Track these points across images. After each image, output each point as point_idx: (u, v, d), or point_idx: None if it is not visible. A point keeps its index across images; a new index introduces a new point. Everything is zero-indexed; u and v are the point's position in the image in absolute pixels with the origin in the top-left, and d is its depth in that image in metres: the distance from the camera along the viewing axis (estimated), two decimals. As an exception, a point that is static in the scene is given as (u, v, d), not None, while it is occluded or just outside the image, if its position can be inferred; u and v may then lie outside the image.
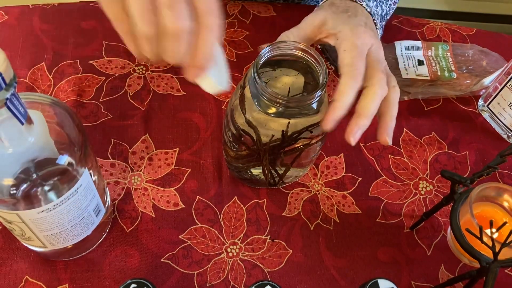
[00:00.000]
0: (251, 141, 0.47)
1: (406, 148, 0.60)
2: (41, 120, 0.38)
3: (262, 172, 0.50)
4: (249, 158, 0.50)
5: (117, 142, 0.57)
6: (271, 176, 0.51)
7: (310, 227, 0.54)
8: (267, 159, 0.48)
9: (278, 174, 0.51)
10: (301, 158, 0.50)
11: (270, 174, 0.51)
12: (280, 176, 0.52)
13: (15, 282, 0.48)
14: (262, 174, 0.51)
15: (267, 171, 0.50)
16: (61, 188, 0.39)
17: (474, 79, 0.64)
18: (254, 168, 0.51)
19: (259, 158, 0.49)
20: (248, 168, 0.52)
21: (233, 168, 0.54)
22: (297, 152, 0.48)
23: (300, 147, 0.48)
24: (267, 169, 0.50)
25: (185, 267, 0.50)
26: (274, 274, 0.51)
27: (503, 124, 0.62)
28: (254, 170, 0.52)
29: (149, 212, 0.53)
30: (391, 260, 0.53)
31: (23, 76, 0.61)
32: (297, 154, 0.48)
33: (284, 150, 0.47)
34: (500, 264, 0.42)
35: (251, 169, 0.52)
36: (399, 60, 0.65)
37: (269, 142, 0.46)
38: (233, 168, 0.54)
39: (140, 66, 0.63)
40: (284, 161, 0.49)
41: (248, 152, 0.49)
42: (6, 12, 0.66)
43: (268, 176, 0.51)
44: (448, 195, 0.49)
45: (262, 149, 0.47)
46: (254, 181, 0.54)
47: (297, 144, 0.47)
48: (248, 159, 0.50)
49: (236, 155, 0.51)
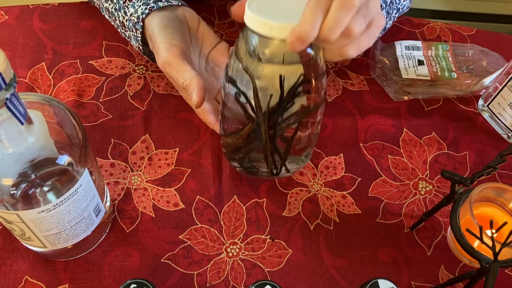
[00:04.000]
0: (248, 116, 0.47)
1: (406, 148, 0.60)
2: (41, 120, 0.38)
3: (264, 154, 0.49)
4: (249, 140, 0.49)
5: (117, 142, 0.57)
6: (272, 161, 0.50)
7: (310, 227, 0.54)
8: (267, 132, 0.47)
9: (280, 155, 0.50)
10: (301, 139, 0.49)
11: (272, 158, 0.50)
12: (282, 158, 0.51)
13: (15, 282, 0.48)
14: (264, 159, 0.50)
15: (268, 150, 0.49)
16: (61, 188, 0.39)
17: (474, 79, 0.64)
18: (256, 154, 0.51)
19: (259, 139, 0.48)
20: (249, 153, 0.51)
21: (234, 161, 0.54)
22: (296, 123, 0.48)
23: (299, 117, 0.47)
24: (268, 147, 0.49)
25: (185, 267, 0.50)
26: (274, 274, 0.51)
27: (503, 124, 0.62)
28: (255, 157, 0.51)
29: (149, 212, 0.53)
30: (391, 260, 0.53)
31: (23, 76, 0.61)
32: (296, 125, 0.48)
33: (283, 118, 0.47)
34: (500, 264, 0.42)
35: (251, 158, 0.51)
36: (399, 60, 0.65)
37: (268, 107, 0.46)
38: (234, 161, 0.54)
39: (140, 66, 0.63)
40: (285, 134, 0.49)
41: (247, 131, 0.48)
42: (6, 12, 0.66)
43: (269, 160, 0.50)
44: (448, 195, 0.49)
45: (261, 116, 0.46)
46: (256, 171, 0.54)
47: (294, 110, 0.46)
48: (248, 141, 0.49)
49: (235, 142, 0.50)
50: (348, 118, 0.62)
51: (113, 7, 0.59)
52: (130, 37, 0.59)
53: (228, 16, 0.70)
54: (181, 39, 0.56)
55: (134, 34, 0.57)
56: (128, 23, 0.57)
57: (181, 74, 0.53)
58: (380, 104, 0.64)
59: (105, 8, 0.61)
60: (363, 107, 0.63)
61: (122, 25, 0.59)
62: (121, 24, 0.59)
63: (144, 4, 0.56)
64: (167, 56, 0.54)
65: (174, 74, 0.54)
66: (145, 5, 0.55)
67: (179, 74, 0.53)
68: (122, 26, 0.59)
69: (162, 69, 0.55)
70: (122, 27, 0.59)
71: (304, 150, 0.53)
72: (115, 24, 0.61)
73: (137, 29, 0.56)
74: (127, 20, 0.57)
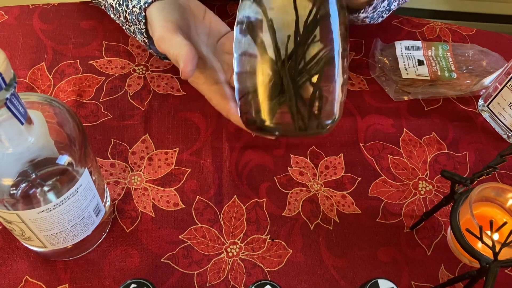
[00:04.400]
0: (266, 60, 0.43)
1: (406, 148, 0.60)
2: (41, 120, 0.38)
3: (288, 104, 0.44)
4: (272, 91, 0.45)
5: (117, 142, 0.57)
6: (297, 111, 0.45)
7: (310, 227, 0.54)
8: (287, 74, 0.43)
9: (308, 101, 0.45)
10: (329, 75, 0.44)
11: (296, 105, 0.45)
12: (308, 104, 0.45)
13: (15, 282, 0.48)
14: (289, 110, 0.45)
15: (292, 98, 0.44)
16: (61, 188, 0.39)
17: (474, 79, 0.64)
18: (281, 106, 0.46)
19: (281, 85, 0.44)
20: (276, 105, 0.46)
21: (257, 120, 0.48)
22: (322, 56, 0.43)
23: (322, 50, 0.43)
24: (291, 91, 0.44)
25: (185, 267, 0.50)
26: (274, 273, 0.51)
27: (503, 124, 0.62)
28: (280, 110, 0.46)
29: (149, 212, 0.53)
30: (391, 260, 0.53)
31: (23, 76, 0.61)
32: (320, 59, 0.43)
33: (305, 50, 0.43)
34: (500, 264, 0.42)
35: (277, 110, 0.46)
36: (399, 60, 0.65)
37: (286, 47, 0.42)
38: (257, 120, 0.48)
39: (140, 66, 0.63)
40: (311, 75, 0.44)
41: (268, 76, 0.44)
42: (6, 12, 0.66)
43: (295, 108, 0.45)
44: (448, 195, 0.49)
45: (280, 57, 0.42)
46: (281, 126, 0.48)
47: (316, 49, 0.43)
48: (271, 92, 0.45)
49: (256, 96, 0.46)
50: (348, 118, 0.62)
51: (117, 2, 0.57)
52: (135, 32, 0.57)
53: (228, 16, 0.70)
54: (179, 18, 0.53)
55: (138, 27, 0.56)
56: (131, 16, 0.56)
57: (172, 46, 0.50)
58: (380, 104, 0.64)
59: (110, 5, 0.59)
60: (363, 107, 0.63)
61: (126, 20, 0.57)
62: (125, 19, 0.58)
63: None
64: (161, 31, 0.51)
65: (167, 48, 0.51)
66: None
67: (171, 47, 0.50)
68: (126, 21, 0.58)
69: (158, 46, 0.52)
70: (126, 23, 0.58)
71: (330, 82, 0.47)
72: (120, 22, 0.60)
73: (140, 20, 0.54)
74: (130, 13, 0.56)
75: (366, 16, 0.60)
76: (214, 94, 0.54)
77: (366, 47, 0.69)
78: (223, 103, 0.53)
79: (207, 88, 0.55)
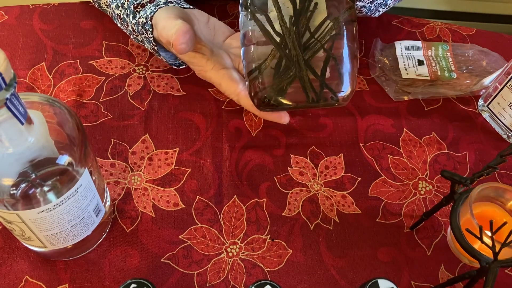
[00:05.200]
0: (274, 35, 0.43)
1: (406, 148, 0.60)
2: (41, 120, 0.38)
3: (299, 76, 0.44)
4: (282, 66, 0.45)
5: (117, 142, 0.57)
6: (308, 81, 0.45)
7: (310, 227, 0.54)
8: (295, 45, 0.42)
9: (315, 74, 0.45)
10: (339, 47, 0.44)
11: (307, 76, 0.45)
12: (321, 74, 0.45)
13: (15, 282, 0.48)
14: (300, 82, 0.45)
15: (302, 67, 0.44)
16: (61, 188, 0.39)
17: (474, 79, 0.64)
18: (291, 79, 0.46)
19: (290, 58, 0.44)
20: (286, 79, 0.46)
21: (267, 95, 0.48)
22: (329, 30, 0.43)
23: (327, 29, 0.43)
24: (300, 62, 0.44)
25: (185, 267, 0.50)
26: (274, 273, 0.51)
27: (503, 124, 0.62)
28: (291, 83, 0.47)
29: (149, 212, 0.53)
30: (391, 260, 0.53)
31: (23, 76, 0.61)
32: (326, 28, 0.43)
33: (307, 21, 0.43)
34: (500, 264, 0.42)
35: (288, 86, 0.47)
36: (399, 60, 0.65)
37: (291, 19, 0.42)
38: (268, 95, 0.48)
39: (140, 66, 0.63)
40: (318, 45, 0.44)
41: (278, 50, 0.44)
42: (6, 12, 0.66)
43: (305, 79, 0.45)
44: (448, 195, 0.49)
45: (286, 29, 0.42)
46: (293, 99, 0.48)
47: (320, 16, 0.43)
48: (281, 68, 0.45)
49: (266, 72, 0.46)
50: (348, 118, 0.62)
51: (124, 12, 0.58)
52: (144, 41, 0.58)
53: (228, 16, 0.70)
54: (181, 14, 0.54)
55: (145, 36, 0.56)
56: (136, 26, 0.56)
57: (169, 29, 0.50)
58: (380, 104, 0.64)
59: (117, 15, 0.60)
60: (363, 107, 0.63)
61: (133, 30, 0.58)
62: (132, 30, 0.58)
63: (153, 5, 0.55)
64: (163, 22, 0.51)
65: (166, 32, 0.50)
66: (155, 6, 0.55)
67: (169, 30, 0.50)
68: (133, 32, 0.58)
69: (160, 35, 0.52)
70: (133, 33, 0.58)
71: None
72: (128, 31, 0.60)
73: (147, 29, 0.55)
74: (136, 23, 0.56)
75: (364, 5, 0.60)
76: (222, 78, 0.55)
77: (366, 47, 0.69)
78: (233, 87, 0.54)
79: (215, 73, 0.56)
